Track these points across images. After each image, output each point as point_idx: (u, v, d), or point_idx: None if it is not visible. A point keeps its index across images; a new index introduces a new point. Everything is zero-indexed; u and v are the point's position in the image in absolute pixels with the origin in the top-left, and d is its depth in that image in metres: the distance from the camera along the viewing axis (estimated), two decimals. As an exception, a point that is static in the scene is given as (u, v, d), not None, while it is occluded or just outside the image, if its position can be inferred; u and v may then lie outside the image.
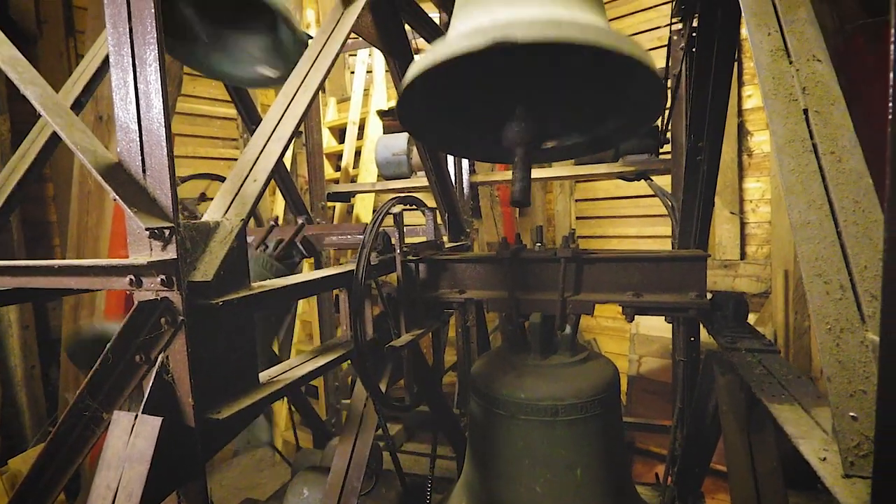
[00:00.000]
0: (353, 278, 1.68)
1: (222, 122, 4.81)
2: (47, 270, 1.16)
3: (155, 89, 1.00)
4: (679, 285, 1.61)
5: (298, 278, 1.52)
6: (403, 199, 1.99)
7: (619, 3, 4.48)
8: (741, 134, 3.88)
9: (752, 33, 1.17)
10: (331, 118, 4.88)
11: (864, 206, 0.89)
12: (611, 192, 4.67)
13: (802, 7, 1.17)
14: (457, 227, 2.84)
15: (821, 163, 0.96)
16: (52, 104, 1.10)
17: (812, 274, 0.87)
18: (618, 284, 1.66)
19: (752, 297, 4.01)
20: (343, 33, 1.68)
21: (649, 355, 4.21)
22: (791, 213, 0.94)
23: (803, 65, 1.08)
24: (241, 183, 1.30)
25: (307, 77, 1.53)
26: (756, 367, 1.33)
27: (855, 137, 0.97)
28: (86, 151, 1.01)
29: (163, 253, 1.05)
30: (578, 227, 4.98)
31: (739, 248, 4.00)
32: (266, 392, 1.30)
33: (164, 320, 1.06)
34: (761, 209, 3.91)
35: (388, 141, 3.38)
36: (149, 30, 1.00)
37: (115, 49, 1.04)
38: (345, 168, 4.31)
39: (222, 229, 1.20)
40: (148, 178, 1.04)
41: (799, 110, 1.03)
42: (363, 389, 1.94)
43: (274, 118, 1.44)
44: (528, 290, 1.76)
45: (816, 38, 1.12)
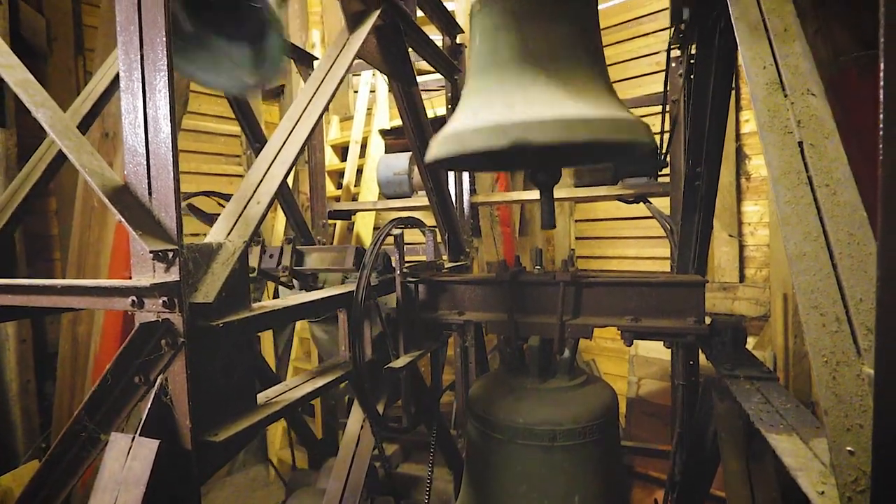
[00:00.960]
0: (353, 299, 1.69)
1: (226, 138, 4.86)
2: (50, 290, 1.16)
3: (163, 114, 1.02)
4: (677, 310, 1.61)
5: (298, 299, 1.53)
6: (404, 221, 2.00)
7: (619, 28, 4.57)
8: (739, 158, 3.93)
9: (747, 66, 1.20)
10: (333, 136, 4.93)
11: (858, 239, 0.91)
12: (610, 213, 4.70)
13: (797, 41, 1.20)
14: (456, 246, 2.85)
15: (816, 195, 0.98)
16: (62, 127, 1.12)
17: (808, 306, 0.88)
18: (616, 308, 1.66)
19: (751, 320, 4.01)
20: (348, 58, 1.71)
21: (649, 377, 4.19)
22: (787, 245, 0.95)
23: (798, 98, 1.10)
24: (245, 205, 1.31)
25: (312, 101, 1.56)
26: (754, 395, 1.33)
27: (849, 171, 0.99)
28: (93, 174, 1.03)
29: (166, 275, 1.06)
30: (578, 247, 4.99)
31: (738, 271, 4.01)
32: (264, 414, 1.30)
33: (164, 342, 1.06)
34: (760, 232, 3.93)
35: (389, 160, 3.42)
36: (159, 57, 1.02)
37: (125, 74, 1.07)
38: (346, 186, 4.34)
39: (225, 251, 1.21)
40: (154, 201, 1.06)
41: (794, 143, 1.05)
42: (360, 410, 1.93)
43: (278, 141, 1.46)
44: (526, 312, 1.77)
45: (811, 72, 1.15)
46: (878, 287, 0.71)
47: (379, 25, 1.95)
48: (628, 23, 4.51)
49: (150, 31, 1.03)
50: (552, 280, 1.65)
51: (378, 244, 1.77)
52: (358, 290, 1.71)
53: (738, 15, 1.29)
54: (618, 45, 4.53)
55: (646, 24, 4.43)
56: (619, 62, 4.48)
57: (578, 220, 4.98)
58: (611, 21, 4.55)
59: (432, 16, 2.84)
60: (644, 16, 4.44)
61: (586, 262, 5.01)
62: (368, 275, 1.72)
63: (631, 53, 4.51)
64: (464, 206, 3.19)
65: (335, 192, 4.61)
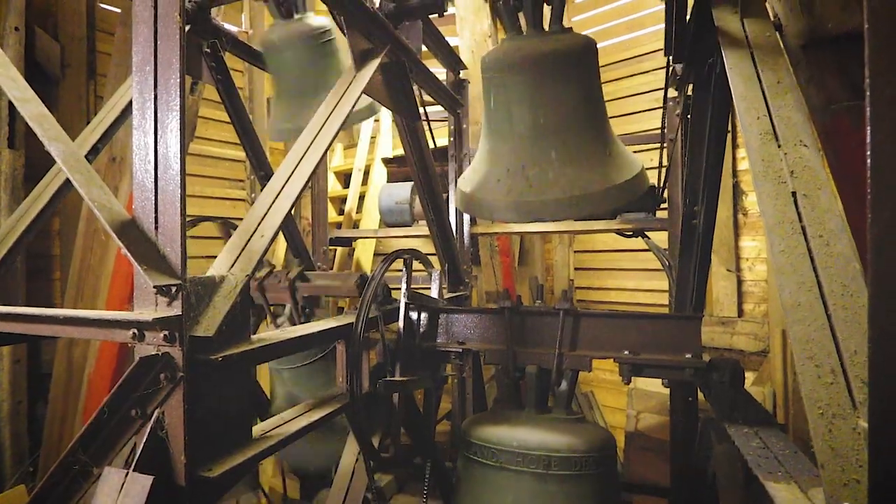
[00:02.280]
0: (352, 331, 1.69)
1: (231, 163, 4.92)
2: (52, 320, 1.17)
3: (174, 153, 1.05)
4: (675, 345, 1.62)
5: (298, 331, 1.53)
6: (407, 253, 2.02)
7: (619, 66, 4.69)
8: (736, 194, 3.98)
9: (741, 116, 1.24)
10: (337, 163, 5.00)
11: (852, 291, 0.92)
12: (609, 245, 4.73)
13: (789, 93, 1.24)
14: (456, 277, 2.87)
15: (809, 245, 1.00)
16: (74, 161, 1.15)
17: (803, 356, 0.89)
18: (614, 342, 1.67)
19: (750, 355, 3.99)
20: (354, 95, 1.76)
21: (647, 411, 4.13)
22: (782, 294, 0.97)
23: (791, 149, 1.14)
24: (249, 238, 1.33)
25: (318, 136, 1.60)
26: (753, 440, 1.32)
27: (842, 222, 1.01)
28: (102, 208, 1.05)
29: (168, 308, 1.07)
30: (577, 278, 5.00)
31: (737, 306, 4.01)
32: (259, 448, 1.29)
33: (163, 376, 1.07)
34: (758, 268, 3.95)
35: (391, 189, 3.46)
36: (172, 97, 1.06)
37: (139, 112, 1.10)
38: (348, 212, 4.38)
39: (227, 284, 1.22)
40: (160, 235, 1.08)
41: (788, 193, 1.08)
42: (355, 442, 1.91)
43: (284, 175, 1.49)
44: (525, 343, 1.77)
45: (803, 124, 1.18)
46: (870, 345, 0.72)
47: (385, 63, 2.01)
48: (628, 60, 4.63)
49: (164, 72, 1.07)
50: (552, 310, 1.66)
51: (379, 276, 1.78)
52: (357, 321, 1.71)
53: (732, 65, 1.34)
54: (617, 82, 4.64)
55: (645, 62, 4.55)
56: (618, 98, 4.58)
57: (578, 251, 5.01)
58: (610, 59, 4.67)
59: (437, 52, 2.92)
60: (643, 55, 4.57)
61: (585, 293, 5.01)
62: (368, 307, 1.73)
63: (630, 90, 4.61)
64: (464, 236, 3.22)
65: (337, 217, 4.64)
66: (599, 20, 5.02)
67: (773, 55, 1.32)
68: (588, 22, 5.10)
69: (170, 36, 1.04)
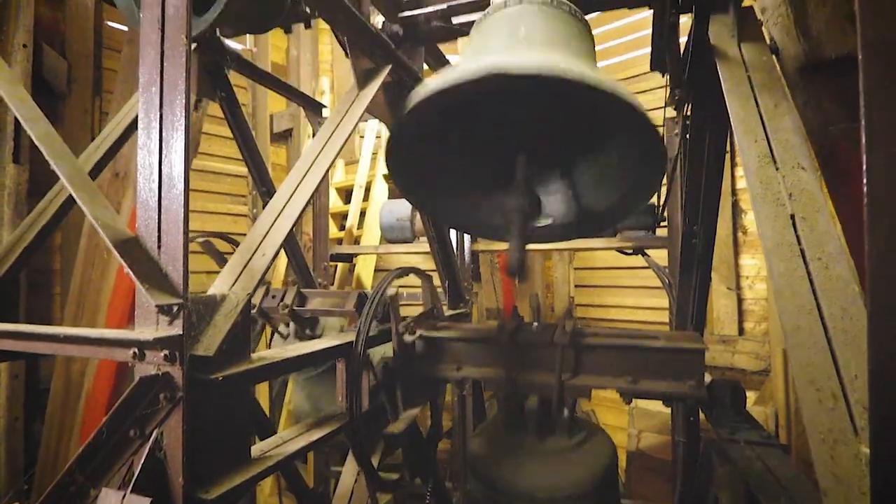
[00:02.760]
0: (352, 350, 1.69)
1: (233, 179, 4.96)
2: (53, 338, 1.17)
3: (178, 172, 1.06)
4: (677, 373, 1.61)
5: (298, 350, 1.53)
6: (406, 271, 2.03)
7: (617, 83, 4.74)
8: (735, 212, 4.00)
9: (739, 139, 1.25)
10: (338, 179, 5.03)
11: (851, 314, 0.92)
12: (609, 262, 4.73)
13: (787, 116, 1.26)
14: (456, 294, 2.86)
15: (809, 268, 1.00)
16: (79, 180, 1.16)
17: (804, 380, 0.89)
18: (615, 369, 1.65)
19: (751, 374, 3.97)
20: (357, 114, 1.78)
21: (649, 430, 4.10)
22: (781, 317, 0.97)
23: (789, 172, 1.15)
24: (251, 256, 1.34)
25: (320, 155, 1.62)
26: (755, 463, 1.31)
27: (840, 245, 1.02)
28: (106, 227, 1.06)
29: (169, 328, 1.07)
30: (577, 294, 5.00)
31: (737, 324, 4.00)
32: (257, 469, 1.28)
33: (162, 396, 1.06)
34: (758, 286, 3.95)
35: (392, 206, 3.48)
36: (178, 117, 1.07)
37: (144, 132, 1.11)
38: (349, 228, 4.39)
39: (228, 303, 1.22)
40: (162, 254, 1.08)
41: (786, 215, 1.08)
42: (354, 463, 1.89)
43: (286, 194, 1.50)
44: (525, 369, 1.75)
45: (801, 147, 1.20)
46: (870, 370, 0.72)
47: (387, 82, 2.04)
48: (627, 80, 4.70)
49: (170, 93, 1.09)
50: (550, 342, 1.64)
51: (378, 296, 1.78)
52: (357, 340, 1.71)
53: (729, 88, 1.36)
54: (616, 100, 4.69)
55: (643, 81, 4.61)
56: (617, 117, 4.63)
57: (578, 268, 5.01)
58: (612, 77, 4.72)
59: (438, 69, 2.96)
60: (641, 74, 4.63)
61: (585, 311, 5.00)
62: (368, 325, 1.72)
63: (629, 109, 4.65)
64: (464, 253, 3.22)
65: (338, 233, 4.66)
66: (599, 40, 5.10)
67: (771, 79, 1.34)
68: (587, 42, 5.17)
69: (176, 58, 1.06)
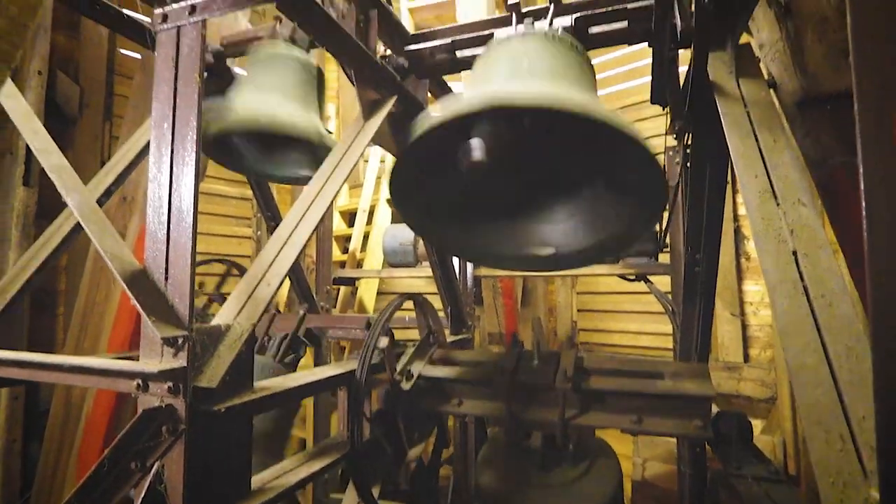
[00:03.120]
0: (354, 379, 1.68)
1: (238, 201, 5.01)
2: (57, 367, 1.17)
3: (187, 206, 1.08)
4: (683, 412, 1.58)
5: (300, 379, 1.52)
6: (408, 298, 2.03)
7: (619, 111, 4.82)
8: (738, 238, 4.00)
9: (740, 174, 1.27)
10: (342, 203, 5.08)
11: (856, 353, 0.92)
12: (612, 287, 4.72)
13: (786, 152, 1.27)
14: (458, 320, 2.86)
15: (812, 306, 1.00)
16: (89, 211, 1.18)
17: (812, 421, 0.88)
18: (620, 407, 1.63)
19: (757, 402, 3.92)
20: (362, 145, 1.81)
21: (654, 459, 4.02)
22: (786, 354, 0.97)
23: (790, 208, 1.16)
24: (256, 285, 1.35)
25: (325, 185, 1.64)
26: (764, 500, 1.29)
27: (843, 281, 1.02)
28: (114, 258, 1.07)
29: (173, 360, 1.07)
30: (580, 319, 4.98)
31: (742, 351, 3.97)
32: (258, 501, 1.26)
33: (165, 428, 1.06)
34: (762, 312, 3.93)
35: (395, 231, 3.51)
36: (188, 153, 1.10)
37: (154, 166, 1.14)
38: (352, 252, 4.41)
39: (232, 333, 1.23)
40: (169, 286, 1.09)
41: (788, 252, 1.09)
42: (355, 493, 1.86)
43: (292, 223, 1.52)
44: (527, 405, 1.72)
45: (800, 182, 1.21)
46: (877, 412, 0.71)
47: (393, 112, 2.08)
48: (627, 108, 4.77)
49: (182, 129, 1.11)
50: (552, 384, 1.62)
51: (382, 323, 1.78)
52: (360, 368, 1.71)
53: (729, 124, 1.38)
54: (617, 127, 4.75)
55: (644, 109, 4.67)
56: (619, 142, 4.69)
57: (580, 293, 5.00)
58: (612, 105, 4.81)
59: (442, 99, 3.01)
60: (642, 102, 4.70)
61: (588, 335, 4.97)
62: (371, 355, 1.72)
63: (630, 135, 4.71)
64: (467, 278, 3.23)
65: (341, 256, 4.68)
66: (599, 69, 5.21)
67: (769, 114, 1.36)
68: (589, 69, 5.28)
69: (189, 95, 1.09)
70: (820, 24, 1.61)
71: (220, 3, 1.09)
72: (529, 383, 1.69)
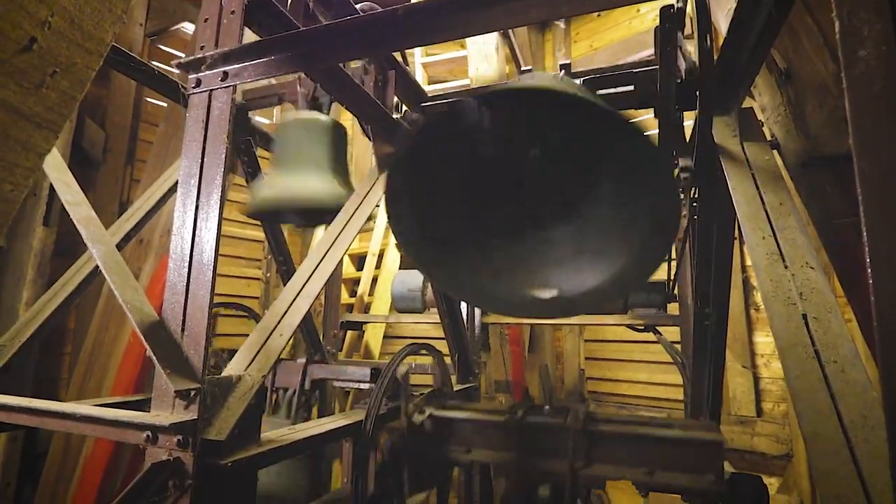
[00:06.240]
0: (361, 431, 1.66)
1: (249, 243, 5.09)
2: (68, 416, 1.18)
3: (208, 260, 1.11)
4: (695, 466, 1.55)
5: (306, 431, 1.51)
6: (417, 347, 2.03)
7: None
8: (747, 289, 3.99)
9: (747, 236, 1.29)
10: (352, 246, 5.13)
11: (872, 423, 0.91)
12: (620, 336, 4.67)
13: (791, 216, 1.30)
14: (466, 368, 2.83)
15: (825, 371, 1.00)
16: (113, 263, 1.22)
17: (830, 494, 0.86)
18: (631, 458, 1.61)
19: (772, 458, 3.78)
20: (377, 196, 1.87)
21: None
22: (801, 422, 0.96)
23: (798, 271, 1.17)
24: (268, 336, 1.36)
25: (339, 237, 1.68)
26: (783, 573, 1.24)
27: (854, 348, 1.02)
28: (134, 310, 1.10)
29: (185, 412, 1.08)
30: (588, 367, 4.90)
31: (755, 404, 3.87)
32: (258, 562, 1.23)
33: (171, 483, 1.05)
34: (773, 364, 3.86)
35: (404, 277, 3.54)
36: (212, 210, 1.14)
37: (179, 219, 1.18)
38: (360, 295, 4.43)
39: (243, 384, 1.23)
40: (185, 338, 1.11)
41: (798, 315, 1.10)
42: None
43: (305, 273, 1.55)
44: (536, 454, 1.70)
45: (807, 246, 1.23)
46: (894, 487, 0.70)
47: (406, 165, 2.15)
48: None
49: (207, 186, 1.16)
50: (562, 427, 1.61)
51: (389, 375, 1.78)
52: (367, 419, 1.69)
53: (735, 186, 1.41)
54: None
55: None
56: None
57: (588, 340, 4.95)
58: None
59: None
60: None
61: (596, 384, 4.88)
62: (378, 404, 1.71)
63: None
64: (475, 325, 3.22)
65: (348, 299, 4.69)
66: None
67: (774, 178, 1.40)
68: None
69: (216, 156, 1.15)
70: (820, 91, 1.68)
71: (250, 72, 1.17)
72: (540, 425, 1.67)
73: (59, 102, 0.76)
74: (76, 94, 0.77)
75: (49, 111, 0.75)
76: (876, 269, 0.73)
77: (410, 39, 1.27)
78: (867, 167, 0.76)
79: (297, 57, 1.26)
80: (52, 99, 0.75)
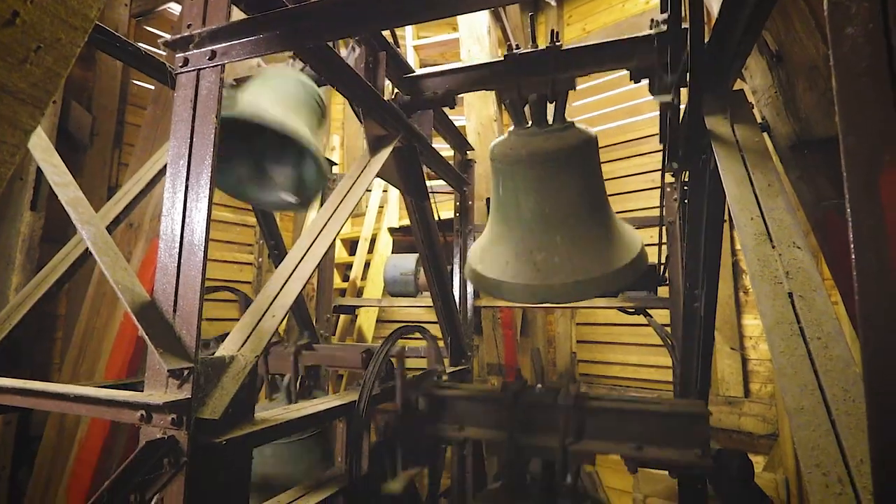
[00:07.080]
0: (354, 411, 1.68)
1: (241, 228, 5.06)
2: (63, 397, 1.18)
3: (199, 240, 1.11)
4: (682, 440, 1.59)
5: (301, 411, 1.52)
6: (409, 329, 2.04)
7: (617, 147, 4.93)
8: (736, 272, 4.03)
9: (736, 217, 1.30)
10: (344, 231, 5.13)
11: (853, 396, 0.93)
12: (611, 319, 4.72)
13: (779, 197, 1.31)
14: (458, 351, 2.86)
15: (809, 347, 1.02)
16: (103, 244, 1.21)
17: (810, 463, 0.89)
18: (620, 434, 1.64)
19: (759, 437, 3.87)
20: (368, 179, 1.86)
21: (655, 496, 3.95)
22: (785, 396, 0.98)
23: (785, 250, 1.19)
24: (260, 318, 1.36)
25: (331, 219, 1.67)
26: (765, 543, 1.28)
27: (838, 325, 1.04)
28: (125, 290, 1.09)
29: (178, 391, 1.08)
30: (579, 350, 4.95)
31: (743, 385, 3.94)
32: (254, 538, 1.25)
33: (166, 460, 1.06)
34: (761, 346, 3.92)
35: (397, 261, 3.53)
36: (202, 191, 1.13)
37: (169, 201, 1.17)
38: (353, 280, 4.44)
39: (236, 364, 1.24)
40: (177, 318, 1.11)
41: (784, 294, 1.12)
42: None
43: (297, 256, 1.54)
44: (528, 431, 1.74)
45: (794, 226, 1.24)
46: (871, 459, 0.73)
47: (398, 148, 2.14)
48: (626, 143, 4.87)
49: (197, 166, 1.15)
50: (554, 402, 1.64)
51: (383, 355, 1.79)
52: (360, 400, 1.71)
53: (724, 168, 1.42)
54: (616, 162, 4.86)
55: (642, 145, 4.78)
56: (616, 177, 4.78)
57: (580, 324, 5.00)
58: (610, 140, 4.91)
59: (445, 135, 3.09)
60: (640, 138, 4.81)
61: (588, 367, 4.94)
62: (372, 385, 1.73)
63: (628, 170, 4.82)
64: (467, 309, 3.24)
65: (341, 283, 4.69)
66: (599, 106, 5.33)
67: (763, 159, 1.41)
68: (589, 106, 5.41)
69: (206, 135, 1.13)
70: (810, 73, 1.68)
71: (238, 50, 1.15)
72: (532, 402, 1.71)
73: (44, 79, 0.75)
74: (61, 70, 0.76)
75: (34, 87, 0.74)
76: (859, 245, 0.75)
77: (402, 16, 1.25)
78: (853, 144, 0.76)
79: (286, 35, 1.24)
80: (36, 75, 0.74)
